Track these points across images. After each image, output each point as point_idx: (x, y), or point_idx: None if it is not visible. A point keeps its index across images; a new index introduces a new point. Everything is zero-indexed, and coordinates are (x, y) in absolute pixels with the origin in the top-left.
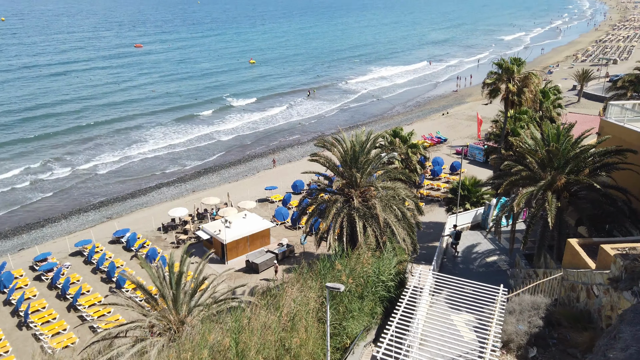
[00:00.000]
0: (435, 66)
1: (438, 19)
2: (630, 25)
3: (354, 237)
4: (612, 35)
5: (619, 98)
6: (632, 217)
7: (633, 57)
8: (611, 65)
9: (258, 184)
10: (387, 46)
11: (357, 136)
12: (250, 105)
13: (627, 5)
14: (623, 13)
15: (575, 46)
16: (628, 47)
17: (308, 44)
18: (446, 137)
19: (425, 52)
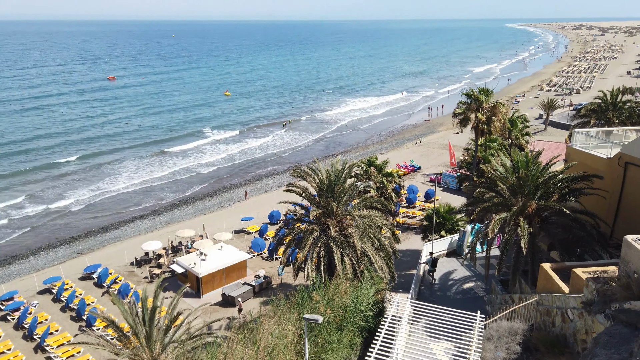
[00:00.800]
0: (408, 97)
1: (411, 52)
2: (590, 57)
3: (332, 267)
4: (574, 67)
5: (583, 126)
6: (601, 240)
7: (594, 86)
8: (574, 94)
9: (234, 215)
10: (362, 78)
11: (333, 165)
12: (226, 137)
13: (586, 38)
14: (583, 45)
15: (539, 77)
16: (589, 78)
17: (284, 76)
18: (420, 165)
19: (399, 84)
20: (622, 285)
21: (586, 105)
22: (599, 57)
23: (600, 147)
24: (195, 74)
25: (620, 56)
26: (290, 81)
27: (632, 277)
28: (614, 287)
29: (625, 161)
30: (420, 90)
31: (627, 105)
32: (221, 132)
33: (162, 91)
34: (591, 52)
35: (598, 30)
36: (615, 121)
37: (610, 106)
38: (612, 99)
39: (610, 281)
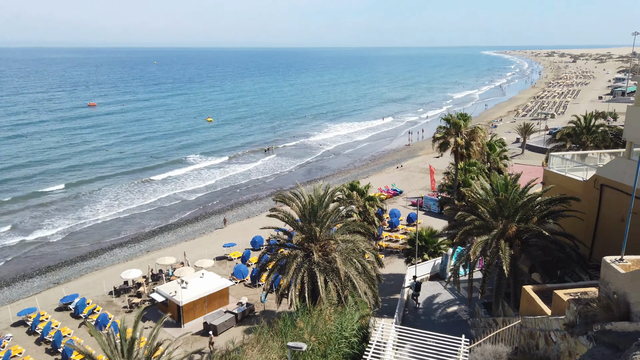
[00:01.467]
0: (390, 122)
1: (394, 79)
2: (563, 83)
3: (316, 293)
4: (548, 92)
5: (559, 149)
6: (581, 262)
7: (568, 111)
8: (549, 119)
9: (216, 242)
10: (346, 104)
11: (316, 190)
12: (209, 164)
13: (559, 65)
14: (556, 72)
15: (515, 102)
16: (563, 103)
17: (268, 102)
18: (402, 189)
19: (382, 109)
20: (602, 307)
21: (561, 130)
22: (572, 83)
23: (576, 170)
24: (178, 100)
25: (592, 82)
26: (274, 107)
27: (612, 298)
28: (595, 308)
29: (600, 183)
30: (403, 115)
31: (601, 129)
32: (204, 159)
33: (144, 118)
34: (564, 78)
35: (570, 58)
36: (590, 145)
37: (585, 130)
38: (586, 123)
39: (591, 302)
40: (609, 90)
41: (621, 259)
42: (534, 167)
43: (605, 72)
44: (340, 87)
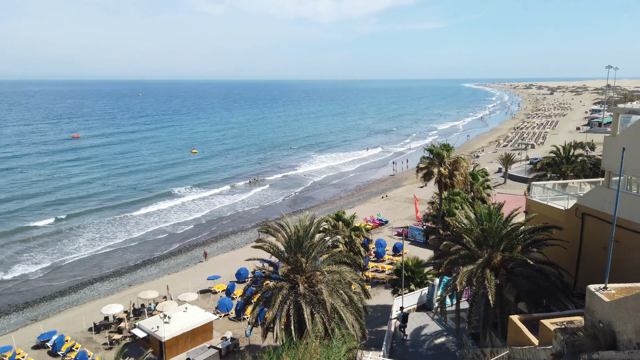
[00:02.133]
0: (374, 153)
1: (380, 110)
2: (541, 114)
3: (302, 325)
4: (528, 123)
5: (540, 179)
6: (565, 291)
7: (548, 141)
8: (530, 149)
9: (200, 274)
10: (331, 135)
11: (301, 221)
12: (193, 195)
13: (537, 97)
14: (535, 104)
15: (496, 133)
16: (542, 133)
17: (254, 134)
18: (387, 219)
19: (366, 140)
20: (589, 336)
21: (542, 160)
22: (550, 114)
23: (558, 199)
24: (163, 132)
25: (569, 113)
26: (260, 139)
27: (598, 327)
28: (582, 337)
29: (582, 212)
30: (388, 146)
31: (580, 159)
32: (188, 191)
33: (129, 150)
34: (542, 110)
35: (547, 90)
36: (570, 174)
37: (564, 160)
38: (565, 153)
39: (578, 332)
40: (586, 121)
41: (605, 287)
42: (516, 196)
43: (582, 103)
44: (326, 118)
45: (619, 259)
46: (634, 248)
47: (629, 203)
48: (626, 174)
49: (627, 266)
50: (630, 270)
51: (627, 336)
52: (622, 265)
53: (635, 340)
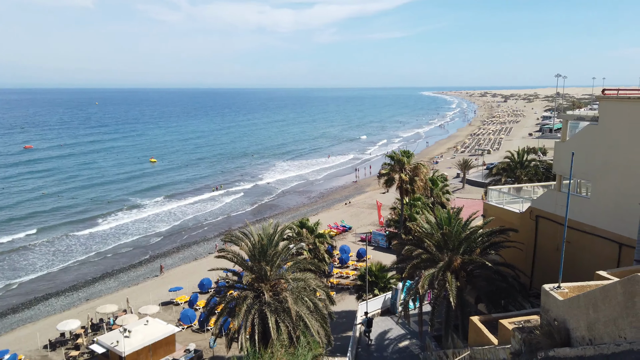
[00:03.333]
0: (337, 160)
1: (344, 118)
2: (496, 121)
3: (267, 334)
4: (483, 130)
5: (496, 183)
6: (522, 291)
7: (503, 147)
8: (486, 154)
9: (161, 286)
10: (293, 144)
11: (265, 229)
12: (153, 206)
13: (491, 104)
14: (489, 111)
15: (454, 139)
16: (498, 139)
17: (217, 143)
18: (350, 225)
19: (329, 148)
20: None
21: (497, 165)
22: (504, 121)
23: (513, 203)
24: (122, 142)
25: (522, 120)
26: (222, 147)
27: (553, 325)
28: (538, 335)
29: (535, 215)
30: (351, 153)
31: (533, 163)
32: (148, 201)
33: (86, 161)
34: (497, 117)
35: (501, 97)
36: (524, 178)
37: (518, 165)
38: (519, 158)
39: (534, 330)
40: (537, 127)
41: (559, 286)
42: (474, 200)
43: (534, 111)
44: (290, 127)
45: (571, 259)
46: (585, 248)
47: (579, 205)
48: (576, 177)
49: (579, 265)
50: (582, 269)
51: (580, 333)
52: (574, 265)
53: (587, 336)
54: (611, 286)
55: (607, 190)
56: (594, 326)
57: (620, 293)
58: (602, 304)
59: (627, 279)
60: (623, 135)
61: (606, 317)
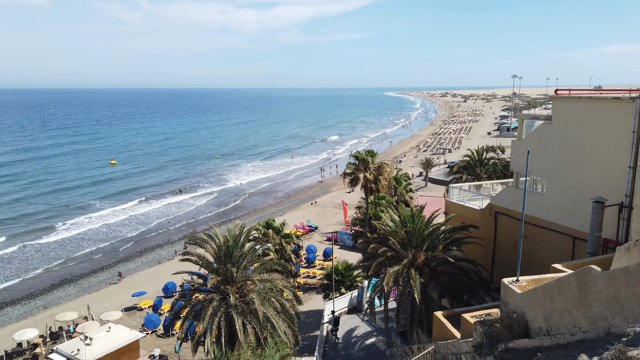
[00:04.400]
0: (302, 160)
1: (316, 118)
2: (457, 120)
3: (234, 337)
4: (444, 129)
5: (457, 181)
6: (483, 285)
7: (463, 146)
8: (447, 153)
9: (124, 291)
10: (258, 145)
11: (231, 231)
12: (114, 209)
13: (452, 104)
14: (450, 111)
15: (417, 139)
16: (458, 138)
17: (179, 143)
18: (317, 225)
19: (292, 148)
20: (505, 326)
21: (458, 163)
22: (464, 121)
23: (474, 200)
24: (80, 144)
25: (481, 119)
26: (188, 149)
27: (512, 317)
28: (499, 328)
29: (495, 211)
30: (317, 154)
31: (491, 161)
32: (109, 204)
33: (42, 164)
34: (457, 117)
35: (461, 98)
36: (483, 176)
37: (478, 163)
38: (478, 156)
39: (495, 323)
40: (496, 126)
41: (517, 280)
42: (436, 198)
43: (492, 110)
44: (255, 127)
45: (528, 253)
46: (541, 242)
47: (535, 201)
48: (532, 174)
49: (536, 259)
50: (539, 263)
51: (537, 324)
52: (531, 259)
53: (544, 327)
54: (565, 278)
55: (560, 186)
56: (551, 317)
57: (574, 285)
58: (558, 295)
59: (580, 271)
60: (574, 133)
61: (561, 308)
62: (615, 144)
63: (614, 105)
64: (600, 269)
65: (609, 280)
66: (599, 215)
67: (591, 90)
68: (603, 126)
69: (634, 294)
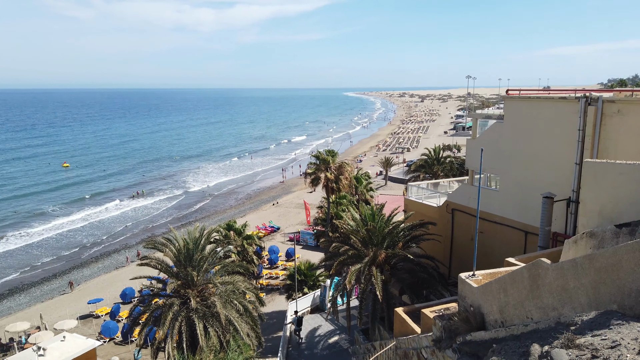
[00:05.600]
0: (261, 161)
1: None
2: (414, 120)
3: (195, 341)
4: (403, 129)
5: (415, 179)
6: (442, 281)
7: (421, 145)
8: (406, 152)
9: (79, 299)
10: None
11: (191, 233)
12: (67, 213)
13: (409, 104)
14: (408, 110)
15: (376, 138)
16: (416, 137)
17: (136, 145)
18: (279, 225)
19: (253, 149)
20: (462, 319)
21: (416, 162)
22: (422, 120)
23: (431, 197)
24: (33, 147)
25: (438, 119)
26: (147, 151)
27: (469, 311)
28: (457, 321)
29: (452, 208)
30: (279, 154)
31: (448, 160)
32: (62, 209)
33: None
34: (415, 116)
35: (418, 98)
36: (440, 174)
37: (435, 161)
38: (435, 155)
39: (453, 317)
40: (452, 125)
41: (473, 274)
42: (396, 196)
43: (448, 110)
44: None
45: (484, 248)
46: (496, 237)
47: (489, 198)
48: (485, 172)
49: (491, 253)
50: (494, 257)
51: (493, 316)
52: (486, 253)
53: (500, 319)
54: (518, 271)
55: (512, 183)
56: (505, 309)
57: (526, 277)
58: (511, 288)
59: (532, 264)
60: (525, 132)
61: (515, 300)
62: (563, 142)
63: (561, 104)
64: (550, 262)
65: (558, 272)
66: (548, 210)
67: (540, 90)
68: (551, 125)
69: (581, 284)
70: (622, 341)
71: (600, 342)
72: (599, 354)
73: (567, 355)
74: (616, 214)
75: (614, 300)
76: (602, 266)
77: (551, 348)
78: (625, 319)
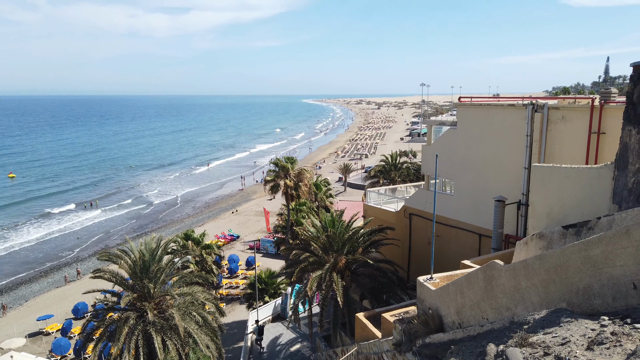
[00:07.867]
0: (219, 169)
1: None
2: (372, 127)
3: (153, 356)
4: (361, 135)
5: (374, 185)
6: (401, 285)
7: (379, 151)
8: (364, 158)
9: (27, 315)
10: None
11: (147, 244)
12: (14, 225)
13: (367, 111)
14: (365, 117)
15: (335, 145)
16: (374, 144)
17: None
18: (238, 234)
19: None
20: (421, 322)
21: (374, 168)
22: (379, 127)
23: (390, 203)
24: None
25: (394, 125)
26: (99, 160)
27: (428, 313)
28: (416, 325)
29: (409, 213)
30: (238, 162)
31: (405, 165)
32: (11, 221)
33: None
34: (372, 123)
35: (375, 105)
36: (398, 179)
37: (393, 167)
38: (393, 161)
39: (413, 320)
40: (407, 132)
41: (431, 277)
42: (355, 202)
43: (404, 117)
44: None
45: (440, 251)
46: (451, 240)
47: (444, 202)
48: (441, 177)
49: (447, 257)
50: (450, 260)
51: (451, 318)
52: (443, 256)
53: (457, 320)
54: (473, 273)
55: (466, 187)
56: (462, 311)
57: (481, 279)
58: (467, 289)
59: (486, 266)
60: (476, 137)
61: (471, 302)
62: (512, 147)
63: (510, 111)
64: (503, 263)
65: (510, 273)
66: (500, 213)
67: (490, 97)
68: (501, 131)
69: (532, 284)
70: (572, 337)
71: (551, 340)
72: (551, 351)
73: (520, 353)
74: (563, 216)
75: (563, 299)
76: (551, 266)
77: (506, 347)
78: (574, 316)
